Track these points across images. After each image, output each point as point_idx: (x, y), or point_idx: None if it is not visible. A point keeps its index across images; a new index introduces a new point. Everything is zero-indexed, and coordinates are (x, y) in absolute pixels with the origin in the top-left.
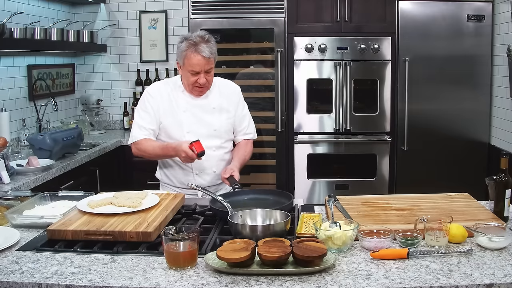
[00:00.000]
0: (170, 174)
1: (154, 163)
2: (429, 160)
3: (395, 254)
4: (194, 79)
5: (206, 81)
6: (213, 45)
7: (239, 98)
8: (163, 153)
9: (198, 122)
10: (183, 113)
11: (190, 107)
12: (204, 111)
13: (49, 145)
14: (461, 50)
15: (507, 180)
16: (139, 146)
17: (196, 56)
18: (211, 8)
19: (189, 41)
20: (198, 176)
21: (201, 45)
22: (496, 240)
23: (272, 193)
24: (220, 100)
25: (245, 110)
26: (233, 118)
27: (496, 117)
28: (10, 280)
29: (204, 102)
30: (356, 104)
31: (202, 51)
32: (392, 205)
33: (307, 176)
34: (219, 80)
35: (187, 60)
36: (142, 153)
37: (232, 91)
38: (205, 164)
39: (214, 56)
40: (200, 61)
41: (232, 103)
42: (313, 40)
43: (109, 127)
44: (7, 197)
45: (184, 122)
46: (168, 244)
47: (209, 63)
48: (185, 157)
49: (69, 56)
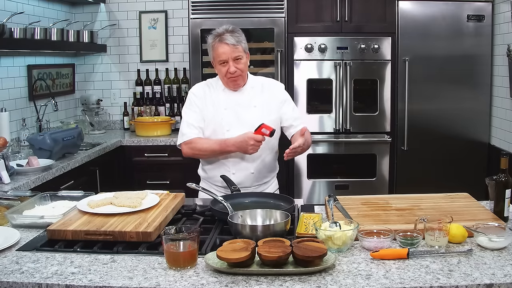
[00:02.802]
0: (210, 170)
1: (154, 163)
2: (429, 160)
3: (395, 254)
4: (225, 70)
5: (236, 69)
6: (239, 34)
7: (283, 96)
8: (220, 149)
9: (239, 120)
10: (224, 111)
11: (231, 104)
12: (245, 109)
13: (49, 145)
14: (461, 50)
15: (507, 180)
16: (193, 145)
17: (221, 45)
18: (211, 8)
19: (214, 34)
20: (235, 176)
21: (225, 34)
22: (496, 240)
23: (274, 196)
24: (262, 98)
25: (290, 106)
26: (277, 116)
27: (496, 117)
28: (10, 280)
29: (246, 100)
30: (356, 104)
31: (226, 39)
32: (392, 205)
33: (307, 176)
34: (262, 79)
35: (215, 52)
36: (195, 152)
37: (276, 88)
38: (243, 164)
39: (242, 45)
40: (225, 49)
41: (276, 101)
42: (313, 40)
43: (109, 127)
44: (7, 197)
45: (224, 119)
46: (168, 244)
47: (236, 50)
48: (253, 144)
49: (69, 56)
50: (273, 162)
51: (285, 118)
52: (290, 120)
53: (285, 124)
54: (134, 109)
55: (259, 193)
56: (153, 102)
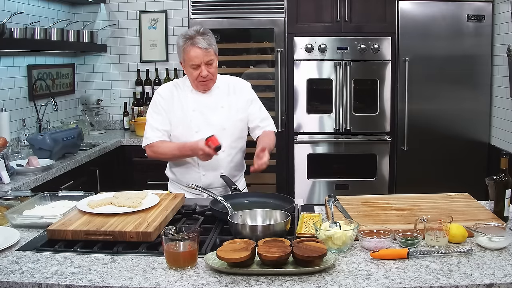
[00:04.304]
0: (179, 173)
1: (154, 163)
2: (429, 160)
3: (395, 254)
4: (196, 73)
5: (208, 73)
6: (209, 37)
7: (250, 95)
8: (180, 154)
9: (207, 121)
10: (192, 112)
11: (199, 106)
12: (213, 110)
13: (49, 145)
14: (461, 50)
15: (507, 180)
16: (155, 148)
17: (193, 48)
18: (211, 8)
19: (184, 37)
20: (205, 177)
21: (197, 37)
22: (496, 240)
23: (273, 196)
24: (230, 98)
25: (257, 105)
26: (245, 115)
27: (496, 117)
28: (10, 280)
29: (213, 101)
30: (356, 104)
31: (198, 43)
32: (392, 205)
33: (307, 176)
34: (229, 78)
35: (186, 55)
36: (158, 155)
37: (242, 88)
38: (213, 165)
39: (213, 48)
40: (197, 53)
41: (243, 100)
42: (313, 40)
43: (109, 127)
44: (7, 197)
45: (193, 121)
46: (168, 244)
47: (208, 54)
48: (203, 154)
49: (69, 56)
50: (241, 161)
51: (252, 119)
52: (257, 121)
53: (251, 125)
54: (134, 109)
55: (259, 193)
56: None
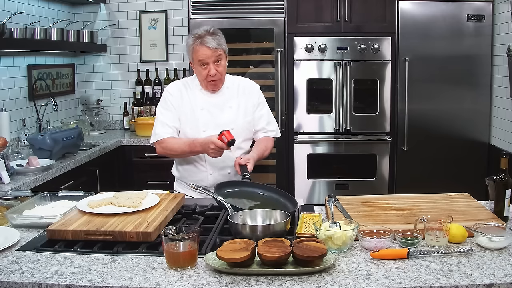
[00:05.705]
0: (185, 171)
1: (154, 164)
2: (429, 160)
3: (395, 254)
4: (205, 72)
5: (216, 72)
6: (219, 37)
7: (259, 98)
8: (189, 150)
9: (215, 120)
10: (200, 111)
11: (207, 105)
12: (221, 110)
13: (49, 145)
14: (461, 50)
15: (507, 180)
16: (164, 144)
17: (202, 47)
18: (211, 8)
19: (194, 36)
20: (212, 176)
21: (206, 37)
22: (496, 240)
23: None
24: (238, 99)
25: (264, 109)
26: (252, 117)
27: (496, 117)
28: (10, 280)
29: (222, 101)
30: (356, 104)
31: (207, 42)
32: (392, 205)
33: (307, 176)
34: (238, 79)
35: (195, 54)
36: (167, 151)
37: (252, 90)
38: (220, 165)
39: (223, 48)
40: (206, 51)
41: (251, 101)
42: (313, 40)
43: (109, 127)
44: (7, 197)
45: (201, 120)
46: (168, 244)
47: (216, 53)
48: (214, 149)
49: (69, 56)
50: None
51: (258, 122)
52: (263, 123)
53: (257, 127)
54: (134, 109)
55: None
56: (153, 102)
